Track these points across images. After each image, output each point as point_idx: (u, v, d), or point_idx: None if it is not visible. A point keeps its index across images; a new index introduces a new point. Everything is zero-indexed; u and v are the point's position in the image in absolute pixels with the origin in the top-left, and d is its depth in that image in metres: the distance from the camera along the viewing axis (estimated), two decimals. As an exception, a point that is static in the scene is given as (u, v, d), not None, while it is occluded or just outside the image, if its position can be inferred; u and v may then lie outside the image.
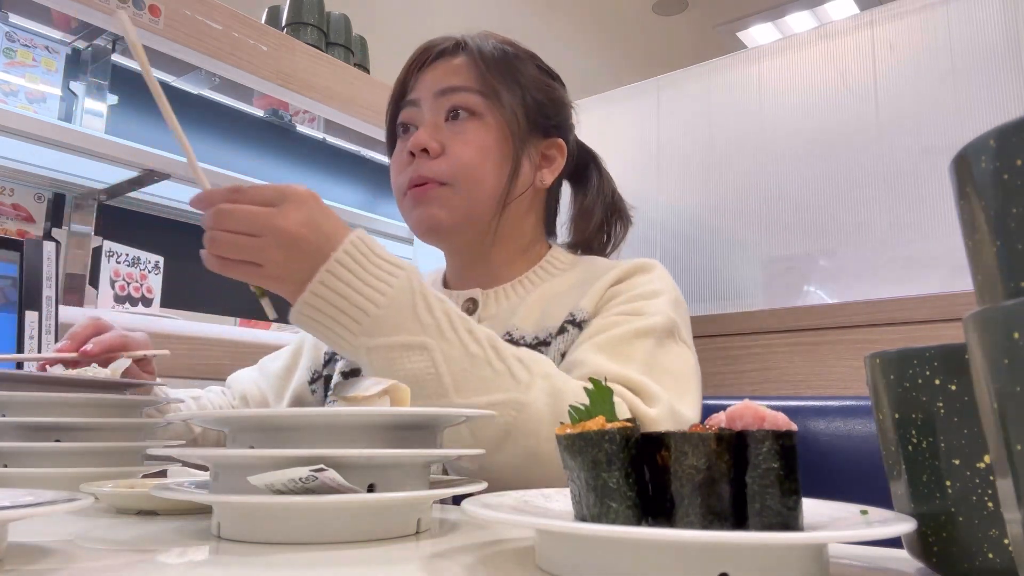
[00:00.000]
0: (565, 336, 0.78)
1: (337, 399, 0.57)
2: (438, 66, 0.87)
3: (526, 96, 0.87)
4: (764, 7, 4.07)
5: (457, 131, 0.83)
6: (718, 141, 1.28)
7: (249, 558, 0.41)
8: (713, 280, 1.23)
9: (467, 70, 0.85)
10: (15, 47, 1.67)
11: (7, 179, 1.64)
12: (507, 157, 0.85)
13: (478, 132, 0.84)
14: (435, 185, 0.82)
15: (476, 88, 0.84)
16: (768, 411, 0.37)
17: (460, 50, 0.87)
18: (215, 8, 1.75)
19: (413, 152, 0.83)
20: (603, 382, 0.43)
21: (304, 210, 0.61)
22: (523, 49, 0.92)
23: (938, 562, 0.37)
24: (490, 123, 0.84)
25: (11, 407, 0.67)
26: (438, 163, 0.82)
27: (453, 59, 0.87)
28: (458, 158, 0.82)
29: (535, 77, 0.89)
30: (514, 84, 0.86)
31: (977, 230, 0.27)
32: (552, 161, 0.92)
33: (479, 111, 0.84)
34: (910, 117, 1.09)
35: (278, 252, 0.60)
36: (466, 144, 0.83)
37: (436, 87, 0.85)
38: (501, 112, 0.84)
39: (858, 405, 0.87)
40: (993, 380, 0.24)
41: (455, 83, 0.85)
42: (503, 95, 0.84)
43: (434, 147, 0.82)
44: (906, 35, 1.12)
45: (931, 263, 1.03)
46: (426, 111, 0.86)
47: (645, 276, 0.82)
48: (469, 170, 0.82)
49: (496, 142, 0.84)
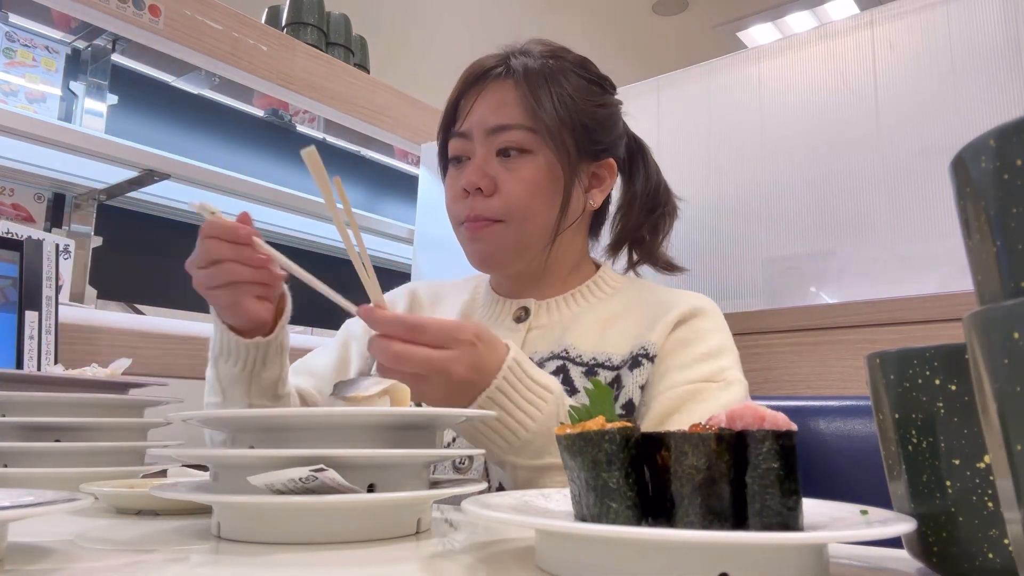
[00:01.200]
0: (641, 370, 0.81)
1: (337, 399, 0.57)
2: (488, 95, 0.87)
3: (576, 125, 0.87)
4: (764, 7, 4.07)
5: (509, 168, 0.85)
6: (718, 141, 1.28)
7: (249, 558, 0.41)
8: (713, 280, 1.23)
9: (516, 104, 0.85)
10: (15, 47, 1.67)
11: (7, 179, 1.64)
12: (558, 190, 0.86)
13: (529, 169, 0.85)
14: (489, 223, 0.85)
15: (526, 125, 0.84)
16: (768, 411, 0.37)
17: (509, 74, 0.87)
18: (215, 8, 1.75)
19: (468, 189, 0.86)
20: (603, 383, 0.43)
21: (473, 356, 0.64)
22: (572, 59, 0.91)
23: (938, 562, 0.37)
24: (540, 159, 0.85)
25: (11, 407, 0.67)
26: (491, 201, 0.85)
27: (502, 86, 0.86)
28: (510, 196, 0.85)
29: (584, 99, 0.88)
30: (564, 114, 0.85)
31: (977, 230, 0.27)
32: (602, 181, 0.93)
33: (530, 148, 0.85)
34: (910, 117, 1.09)
35: (443, 391, 0.64)
36: (518, 182, 0.85)
37: (487, 124, 0.86)
38: (551, 147, 0.85)
39: (858, 405, 0.87)
40: (993, 380, 0.24)
41: (505, 120, 0.85)
42: (552, 131, 0.84)
43: (487, 186, 0.85)
44: (906, 35, 1.12)
45: (931, 263, 1.03)
46: (477, 146, 0.87)
47: (708, 322, 0.85)
48: (521, 207, 0.85)
49: (547, 177, 0.85)
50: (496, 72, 0.87)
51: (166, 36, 1.64)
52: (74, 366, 0.79)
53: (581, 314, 0.89)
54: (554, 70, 0.87)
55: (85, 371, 0.76)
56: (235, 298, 0.71)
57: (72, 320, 1.29)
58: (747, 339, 1.12)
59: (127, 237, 1.82)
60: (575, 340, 0.85)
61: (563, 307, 0.91)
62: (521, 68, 0.86)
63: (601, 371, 0.82)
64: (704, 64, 1.33)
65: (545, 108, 0.84)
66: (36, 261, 1.20)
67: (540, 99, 0.85)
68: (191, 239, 0.74)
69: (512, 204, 0.85)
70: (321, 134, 2.33)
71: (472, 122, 0.87)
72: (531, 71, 0.86)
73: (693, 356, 0.81)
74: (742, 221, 1.22)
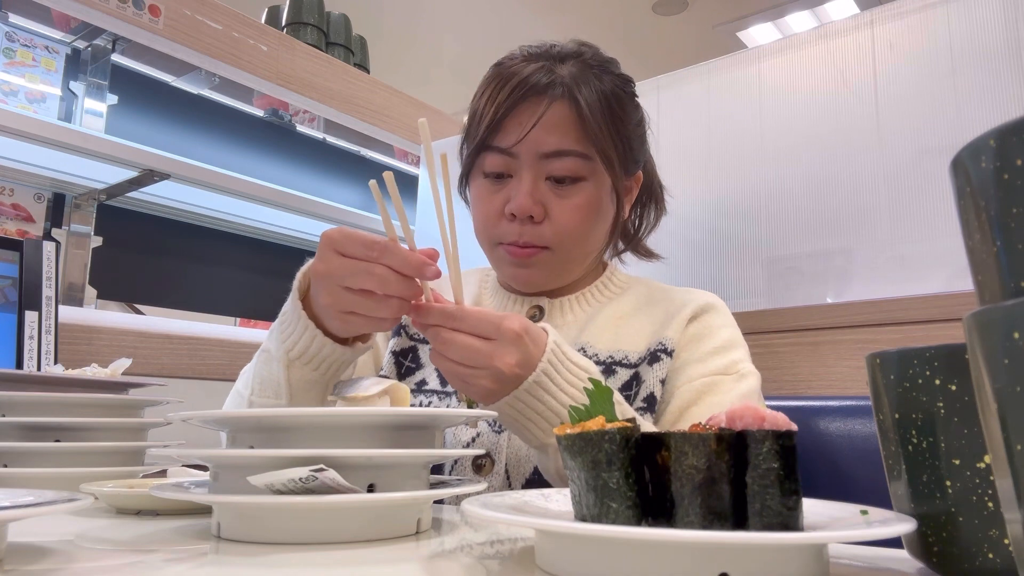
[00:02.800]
0: (660, 365, 0.81)
1: (337, 399, 0.57)
2: (544, 116, 0.80)
3: (623, 148, 0.85)
4: (764, 7, 4.07)
5: (560, 195, 0.82)
6: (718, 141, 1.28)
7: (249, 558, 0.41)
8: (713, 280, 1.23)
9: (575, 129, 0.81)
10: (15, 47, 1.67)
11: (7, 179, 1.64)
12: (608, 214, 0.86)
13: (582, 196, 0.83)
14: (538, 250, 0.83)
15: (582, 152, 0.81)
16: (768, 411, 0.37)
17: (566, 95, 0.81)
18: (215, 8, 1.75)
19: (516, 215, 0.81)
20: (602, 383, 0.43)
21: (520, 350, 0.64)
22: (618, 73, 0.87)
23: (938, 562, 0.37)
24: (592, 186, 0.83)
25: (11, 407, 0.67)
26: (541, 228, 0.82)
27: (559, 108, 0.81)
28: (562, 225, 0.82)
29: (629, 119, 0.86)
30: (618, 139, 0.83)
31: (977, 230, 0.27)
32: (630, 192, 0.92)
33: (584, 175, 0.82)
34: (910, 117, 1.09)
35: (490, 383, 0.64)
36: (570, 210, 0.82)
37: (542, 148, 0.80)
38: (605, 174, 0.83)
39: (858, 405, 0.87)
40: (993, 380, 0.24)
41: (563, 147, 0.80)
42: (609, 160, 0.82)
43: (539, 214, 0.82)
44: (906, 35, 1.12)
45: (931, 263, 1.03)
46: (525, 168, 0.81)
47: (718, 318, 0.86)
48: (572, 236, 0.83)
49: (597, 203, 0.84)
50: (554, 92, 0.81)
51: (166, 36, 1.64)
52: (74, 366, 0.79)
53: (594, 313, 0.89)
54: (608, 92, 0.83)
55: (85, 371, 0.76)
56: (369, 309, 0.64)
57: (72, 320, 1.29)
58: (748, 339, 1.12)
59: (127, 237, 1.82)
60: (591, 339, 0.86)
61: (576, 307, 0.91)
62: (572, 85, 0.81)
63: (619, 369, 0.83)
64: (704, 64, 1.33)
65: (605, 137, 0.82)
66: (36, 261, 1.20)
67: (601, 128, 0.81)
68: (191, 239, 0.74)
69: (563, 233, 0.82)
70: (321, 134, 2.33)
71: (524, 143, 0.81)
72: (592, 95, 0.81)
73: (707, 350, 0.82)
74: (742, 221, 1.22)
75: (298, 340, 0.68)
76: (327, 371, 0.70)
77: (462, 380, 0.65)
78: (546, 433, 0.67)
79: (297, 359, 0.68)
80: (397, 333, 0.94)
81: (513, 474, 0.79)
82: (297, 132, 2.29)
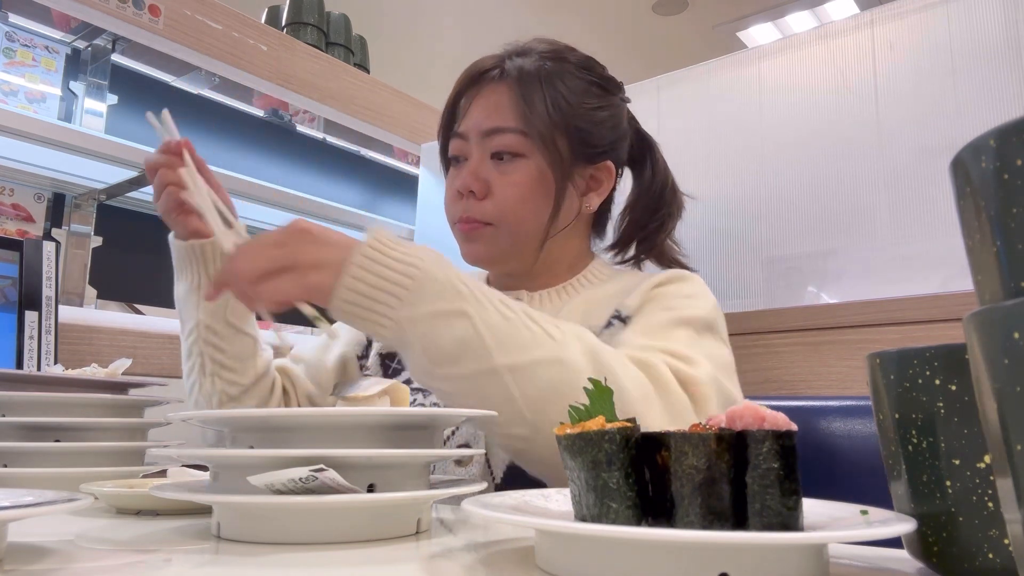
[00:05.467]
0: (611, 329, 0.81)
1: (337, 399, 0.57)
2: (483, 97, 0.88)
3: (571, 128, 0.86)
4: (764, 7, 4.07)
5: (502, 171, 0.86)
6: (718, 141, 1.28)
7: (249, 558, 0.41)
8: (713, 280, 1.23)
9: (510, 107, 0.85)
10: (15, 47, 1.67)
11: (7, 179, 1.64)
12: (550, 195, 0.86)
13: (521, 173, 0.85)
14: (481, 225, 0.86)
15: (519, 129, 0.85)
16: (768, 411, 0.37)
17: (504, 76, 0.87)
18: (215, 8, 1.75)
19: (461, 192, 0.87)
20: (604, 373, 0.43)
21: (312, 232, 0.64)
22: (575, 59, 0.90)
23: (938, 562, 0.37)
24: (533, 163, 0.85)
25: (11, 407, 0.67)
26: (484, 204, 0.86)
27: (497, 88, 0.87)
28: (502, 200, 0.85)
29: (582, 101, 0.88)
30: (558, 118, 0.85)
31: (977, 230, 0.27)
32: (600, 184, 0.92)
33: (523, 152, 0.85)
34: (910, 117, 1.09)
35: (306, 245, 0.63)
36: (509, 186, 0.85)
37: (481, 127, 0.87)
38: (543, 152, 0.85)
39: (858, 405, 0.87)
40: (993, 380, 0.24)
41: (498, 123, 0.85)
42: (544, 135, 0.84)
43: (480, 189, 0.86)
44: (906, 35, 1.12)
45: (931, 263, 1.03)
46: (473, 148, 0.87)
47: (687, 284, 0.85)
48: (512, 212, 0.86)
49: (539, 182, 0.86)
50: (492, 74, 0.88)
51: (166, 36, 1.64)
52: (74, 366, 0.79)
53: (569, 300, 0.90)
54: (551, 71, 0.87)
55: (85, 371, 0.76)
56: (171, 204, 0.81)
57: (72, 320, 1.29)
58: (747, 339, 1.12)
59: (127, 237, 1.82)
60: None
61: (555, 298, 0.91)
62: (516, 70, 0.86)
63: None
64: (704, 64, 1.33)
65: (537, 112, 0.84)
66: (36, 261, 1.20)
67: (532, 103, 0.84)
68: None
69: (503, 208, 0.85)
70: (321, 134, 2.33)
71: (468, 124, 0.88)
72: (526, 73, 0.86)
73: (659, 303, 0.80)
74: (742, 221, 1.22)
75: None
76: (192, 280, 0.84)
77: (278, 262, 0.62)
78: (394, 307, 0.61)
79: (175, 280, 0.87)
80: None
81: (494, 462, 0.79)
82: (297, 132, 2.29)
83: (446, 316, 0.62)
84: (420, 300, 0.62)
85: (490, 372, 0.62)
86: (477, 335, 0.62)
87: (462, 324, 0.62)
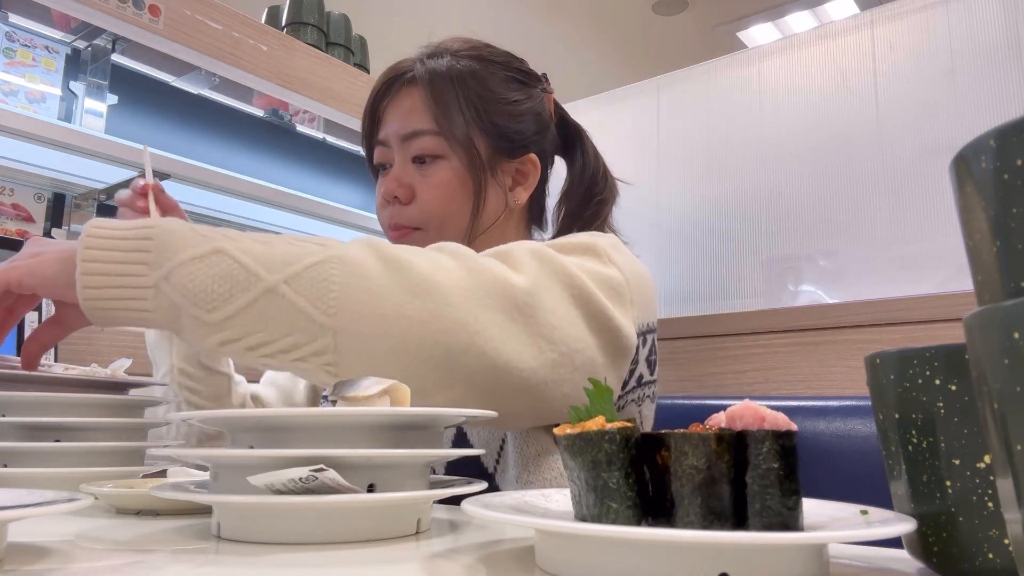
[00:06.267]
0: None
1: (337, 399, 0.57)
2: (398, 101, 0.88)
3: (486, 125, 0.86)
4: (764, 7, 4.07)
5: (424, 174, 0.87)
6: (718, 141, 1.28)
7: (249, 558, 0.41)
8: (713, 280, 1.23)
9: (424, 110, 0.86)
10: (15, 47, 1.67)
11: (7, 179, 1.64)
12: (472, 193, 0.86)
13: (441, 174, 0.86)
14: (410, 231, 0.87)
15: (433, 130, 0.85)
16: (768, 411, 0.37)
17: (416, 79, 0.87)
18: (215, 8, 1.75)
19: (387, 198, 0.88)
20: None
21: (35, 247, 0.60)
22: (489, 55, 0.90)
23: (938, 562, 0.37)
24: (453, 162, 0.86)
25: (11, 407, 0.67)
26: (409, 210, 0.87)
27: (411, 92, 0.87)
28: (425, 204, 0.86)
29: (497, 97, 0.88)
30: (472, 116, 0.85)
31: (977, 230, 0.27)
32: (527, 177, 0.92)
33: (441, 153, 0.86)
34: (910, 117, 1.09)
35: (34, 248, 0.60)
36: (431, 188, 0.86)
37: (400, 131, 0.87)
38: (460, 151, 0.85)
39: (858, 405, 0.87)
40: (993, 380, 0.24)
41: (415, 127, 0.86)
42: (459, 135, 0.85)
43: (404, 195, 0.87)
44: (906, 35, 1.12)
45: (931, 263, 1.03)
46: (396, 154, 0.88)
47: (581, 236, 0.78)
48: (436, 214, 0.86)
49: (460, 181, 0.86)
50: (406, 77, 0.88)
51: (166, 36, 1.64)
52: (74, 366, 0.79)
53: None
54: (463, 70, 0.87)
55: (85, 371, 0.76)
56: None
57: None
58: (747, 339, 1.12)
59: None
60: None
61: None
62: (427, 72, 0.86)
63: None
64: (704, 64, 1.33)
65: (449, 112, 0.85)
66: (36, 261, 1.20)
67: (445, 103, 0.85)
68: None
69: (428, 211, 0.86)
70: (321, 134, 2.33)
71: (388, 130, 0.89)
72: (437, 74, 0.86)
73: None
74: (742, 221, 1.22)
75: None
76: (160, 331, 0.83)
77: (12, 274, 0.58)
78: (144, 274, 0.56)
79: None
80: None
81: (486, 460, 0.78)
82: (297, 132, 2.29)
83: (200, 259, 0.56)
84: (167, 256, 0.56)
85: (266, 293, 0.56)
86: (239, 265, 0.56)
87: (220, 260, 0.56)
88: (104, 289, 0.55)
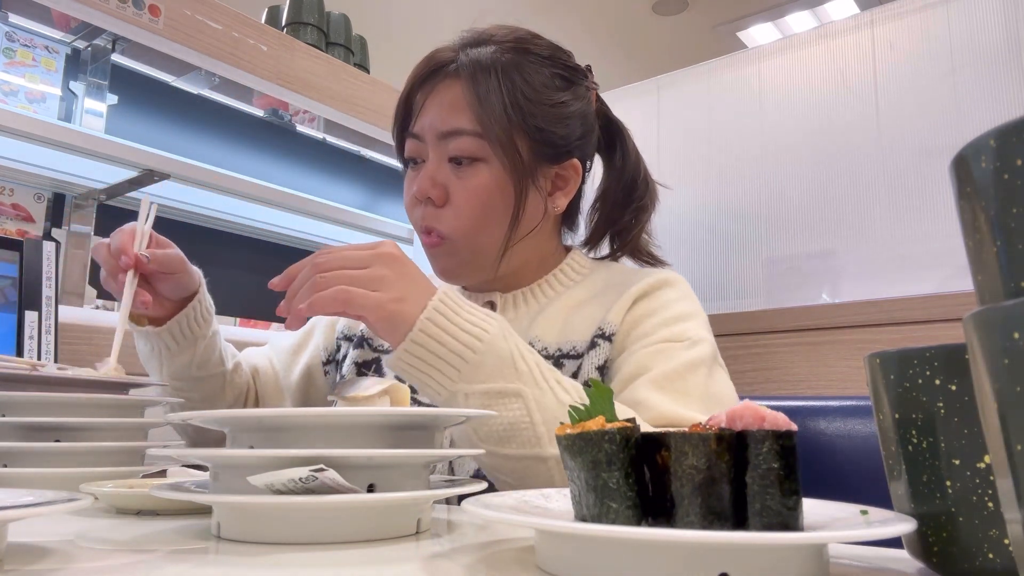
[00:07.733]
0: (597, 351, 0.78)
1: (337, 399, 0.57)
2: (438, 95, 0.82)
3: (530, 128, 0.81)
4: (764, 7, 4.07)
5: (460, 176, 0.81)
6: (718, 141, 1.28)
7: (249, 558, 0.41)
8: (713, 280, 1.23)
9: (466, 108, 0.80)
10: (15, 47, 1.67)
11: (7, 179, 1.64)
12: (511, 200, 0.81)
13: (479, 178, 0.80)
14: (440, 240, 0.82)
15: (475, 132, 0.79)
16: (768, 411, 0.37)
17: (459, 72, 0.81)
18: (215, 8, 1.75)
19: (419, 198, 0.83)
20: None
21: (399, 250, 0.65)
22: (538, 47, 0.85)
23: (938, 562, 0.37)
24: (493, 166, 0.80)
25: (11, 407, 0.67)
26: (443, 213, 0.82)
27: (452, 86, 0.81)
28: (460, 208, 0.81)
29: (544, 97, 0.82)
30: (517, 117, 0.80)
31: (977, 230, 0.27)
32: (567, 183, 0.87)
33: (480, 155, 0.80)
34: (910, 117, 1.09)
35: (389, 271, 0.63)
36: (467, 192, 0.80)
37: (437, 128, 0.81)
38: (502, 156, 0.80)
39: (858, 405, 0.87)
40: (993, 380, 0.24)
41: (454, 125, 0.80)
42: (502, 139, 0.79)
43: (438, 196, 0.81)
44: (906, 35, 1.12)
45: (931, 263, 1.03)
46: (430, 150, 0.82)
47: (672, 292, 0.81)
48: (471, 222, 0.81)
49: (499, 186, 0.81)
50: (448, 69, 0.82)
51: (166, 36, 1.64)
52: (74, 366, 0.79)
53: (548, 304, 0.86)
54: (508, 65, 0.81)
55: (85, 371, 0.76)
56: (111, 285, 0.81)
57: (72, 320, 1.29)
58: (747, 339, 1.12)
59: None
60: (540, 332, 0.82)
61: (530, 298, 0.87)
62: (472, 64, 0.80)
63: (567, 361, 0.79)
64: (704, 64, 1.33)
65: (494, 113, 0.78)
66: (36, 261, 1.20)
67: (489, 102, 0.79)
68: (191, 239, 0.75)
69: (461, 220, 0.81)
70: (321, 134, 2.33)
71: (423, 124, 0.82)
72: (482, 67, 0.80)
73: (656, 322, 0.78)
74: (742, 221, 1.22)
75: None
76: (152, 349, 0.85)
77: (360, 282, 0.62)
78: (452, 379, 0.62)
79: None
80: (359, 345, 0.93)
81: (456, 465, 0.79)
82: (297, 132, 2.29)
83: (501, 396, 0.62)
84: (477, 376, 0.62)
85: (536, 459, 0.62)
86: (530, 421, 0.62)
87: (516, 406, 0.62)
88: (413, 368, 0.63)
